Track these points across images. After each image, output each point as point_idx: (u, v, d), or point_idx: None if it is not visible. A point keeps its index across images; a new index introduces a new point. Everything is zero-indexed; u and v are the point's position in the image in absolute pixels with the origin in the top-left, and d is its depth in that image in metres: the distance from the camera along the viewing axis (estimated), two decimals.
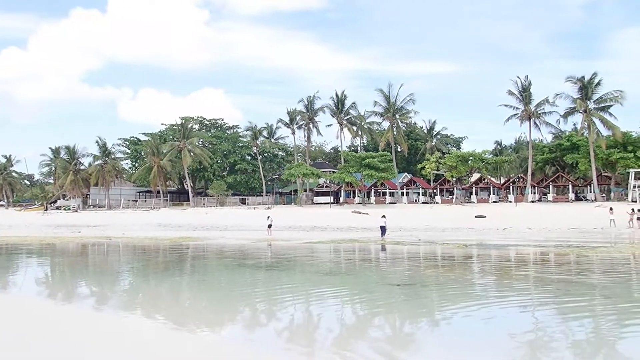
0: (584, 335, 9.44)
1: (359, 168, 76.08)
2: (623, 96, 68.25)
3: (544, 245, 26.60)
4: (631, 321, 10.17)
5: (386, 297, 13.43)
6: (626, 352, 8.43)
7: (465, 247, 25.94)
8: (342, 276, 17.47)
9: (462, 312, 11.43)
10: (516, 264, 20.54)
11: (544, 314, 11.28)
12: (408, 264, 21.12)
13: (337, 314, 11.75)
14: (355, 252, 25.89)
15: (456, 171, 75.37)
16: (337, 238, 33.18)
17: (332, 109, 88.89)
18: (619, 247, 24.82)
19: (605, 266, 18.39)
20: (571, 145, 75.06)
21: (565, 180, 76.52)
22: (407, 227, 41.52)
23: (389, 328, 10.43)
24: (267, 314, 11.98)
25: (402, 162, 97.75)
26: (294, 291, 14.79)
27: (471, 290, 14.58)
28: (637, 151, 66.61)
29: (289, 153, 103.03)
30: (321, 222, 48.28)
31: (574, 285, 14.31)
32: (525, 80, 73.87)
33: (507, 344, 8.92)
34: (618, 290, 13.44)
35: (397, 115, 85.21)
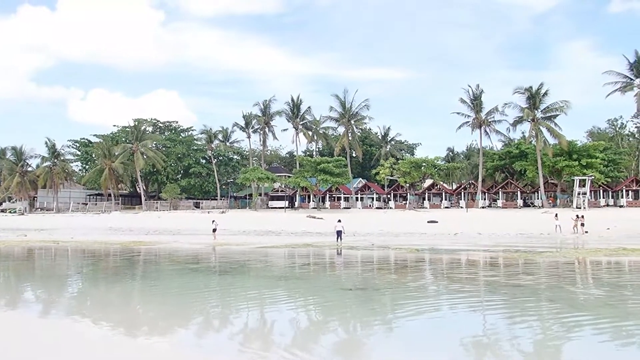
0: (530, 337, 9.75)
1: (314, 173, 76.37)
2: (568, 106, 71.11)
3: (493, 250, 27.33)
4: (574, 324, 10.57)
5: (338, 301, 13.55)
6: (569, 353, 8.76)
7: (418, 252, 26.40)
8: (295, 281, 17.49)
9: (413, 315, 11.64)
10: (466, 268, 21.03)
11: (493, 317, 11.59)
12: (361, 268, 21.33)
13: (290, 318, 11.77)
14: (309, 257, 25.96)
15: (410, 177, 76.62)
16: (291, 242, 33.18)
17: (288, 113, 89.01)
18: (563, 252, 25.76)
19: (551, 270, 19.05)
20: (520, 153, 77.49)
21: (514, 187, 78.85)
22: (361, 232, 41.89)
23: (341, 332, 10.53)
24: (220, 319, 11.90)
25: (357, 168, 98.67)
26: (247, 296, 14.74)
27: (422, 293, 14.85)
28: (581, 159, 69.29)
29: (244, 157, 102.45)
30: (276, 227, 48.18)
31: (520, 289, 14.76)
32: (477, 89, 75.92)
33: (457, 346, 9.13)
34: (562, 294, 13.94)
35: (352, 121, 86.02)
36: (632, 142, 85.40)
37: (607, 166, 73.48)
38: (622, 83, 70.64)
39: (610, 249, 26.26)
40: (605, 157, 73.21)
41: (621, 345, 9.20)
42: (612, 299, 13.36)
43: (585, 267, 20.31)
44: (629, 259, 22.26)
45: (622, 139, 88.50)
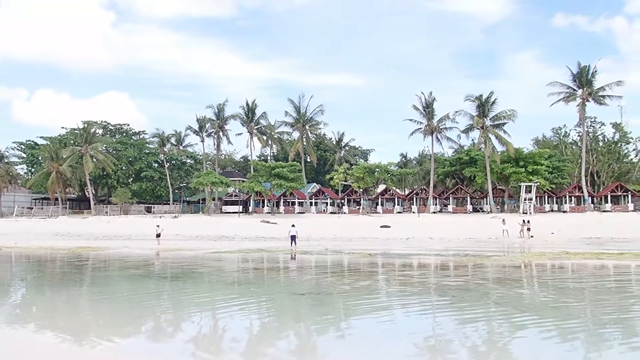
0: (478, 338, 10.05)
1: (269, 177, 76.17)
2: (515, 115, 73.46)
3: (443, 254, 27.93)
4: (520, 326, 10.95)
5: (291, 306, 13.60)
6: (515, 353, 9.09)
7: (370, 256, 26.71)
8: (249, 286, 17.45)
9: (366, 318, 11.82)
10: (418, 272, 21.43)
11: (443, 319, 11.89)
12: (314, 273, 21.44)
13: (243, 323, 11.75)
14: (263, 262, 25.91)
15: (363, 182, 77.36)
16: (245, 247, 33.01)
17: (243, 117, 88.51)
18: (510, 256, 26.57)
19: (498, 274, 19.65)
20: (470, 160, 79.44)
21: (464, 193, 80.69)
22: (315, 237, 42.04)
23: (293, 336, 10.59)
24: (172, 325, 11.76)
25: (311, 173, 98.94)
26: (200, 302, 14.61)
27: (374, 297, 15.06)
28: (527, 166, 71.60)
29: (198, 161, 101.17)
30: (229, 232, 47.79)
31: (469, 292, 15.17)
32: (429, 97, 77.39)
33: (409, 347, 9.32)
34: (509, 297, 14.41)
35: (307, 126, 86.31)
36: (575, 150, 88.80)
37: (551, 173, 76.16)
38: (566, 93, 73.45)
39: (554, 252, 27.24)
40: (550, 164, 75.86)
41: (562, 343, 9.58)
42: (556, 301, 13.90)
43: (530, 271, 21.02)
44: (571, 262, 23.15)
45: (566, 147, 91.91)
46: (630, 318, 11.70)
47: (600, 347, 9.23)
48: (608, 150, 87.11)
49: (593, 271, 20.36)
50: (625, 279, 18.56)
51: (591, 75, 72.35)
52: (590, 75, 72.32)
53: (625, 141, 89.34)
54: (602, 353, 8.89)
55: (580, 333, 10.34)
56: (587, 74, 72.30)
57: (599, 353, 8.90)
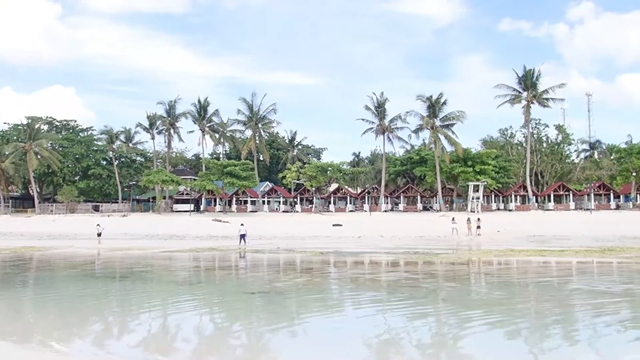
0: (427, 335, 10.29)
1: (221, 176, 75.49)
2: (464, 116, 75.42)
3: (394, 252, 28.36)
4: (467, 321, 11.28)
5: (241, 305, 13.57)
6: (463, 349, 9.36)
7: (322, 255, 26.87)
8: (199, 285, 17.29)
9: (316, 316, 11.91)
10: (369, 270, 21.72)
11: (393, 316, 12.09)
12: (266, 271, 21.43)
13: (193, 323, 11.64)
14: (214, 261, 25.68)
15: (316, 181, 77.68)
16: (196, 247, 32.63)
17: (195, 115, 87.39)
18: (458, 253, 27.25)
19: (447, 271, 20.14)
20: (420, 159, 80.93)
21: (414, 192, 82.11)
22: (268, 236, 41.94)
23: (243, 336, 10.58)
24: (120, 326, 11.54)
25: (264, 171, 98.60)
26: (149, 302, 14.38)
27: (326, 295, 15.20)
28: (475, 166, 73.53)
29: (148, 159, 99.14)
30: (180, 231, 47.10)
31: (418, 290, 15.50)
32: (381, 97, 78.41)
33: (359, 345, 9.45)
34: (455, 294, 14.81)
35: (259, 124, 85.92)
36: (520, 150, 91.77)
37: (498, 172, 78.46)
38: (512, 96, 75.85)
39: (500, 250, 28.10)
40: (496, 164, 78.14)
41: (508, 338, 9.93)
42: (501, 297, 14.38)
43: (478, 268, 21.62)
44: (516, 259, 23.93)
45: (512, 147, 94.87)
46: (570, 312, 12.22)
47: (543, 341, 9.61)
48: (551, 151, 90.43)
49: (536, 268, 21.13)
50: (566, 274, 19.36)
51: (535, 79, 74.98)
52: (534, 78, 74.92)
53: (567, 142, 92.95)
54: (545, 346, 9.26)
55: (524, 327, 10.73)
56: (531, 77, 74.86)
57: (543, 346, 9.27)
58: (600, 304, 12.92)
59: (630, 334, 9.98)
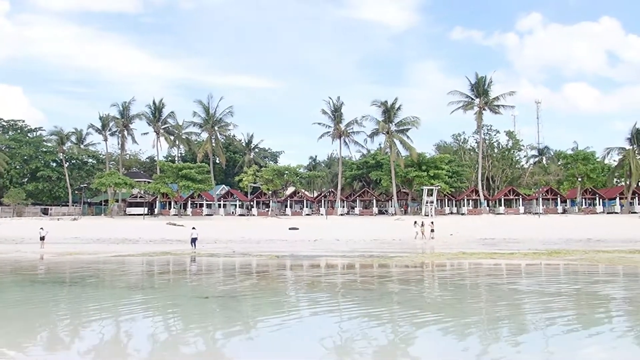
0: (382, 337, 10.41)
1: (176, 179, 74.45)
2: (419, 121, 76.80)
3: (349, 256, 28.62)
4: (420, 324, 11.49)
5: (195, 310, 13.44)
6: (416, 351, 9.54)
7: (278, 258, 26.87)
8: (152, 290, 17.02)
9: (271, 321, 11.90)
10: (324, 273, 21.83)
11: (348, 319, 12.20)
12: (220, 276, 21.25)
13: (145, 329, 11.45)
14: (167, 265, 25.29)
15: (272, 184, 77.54)
16: (149, 251, 32.08)
17: (149, 116, 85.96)
18: (412, 256, 27.72)
19: (401, 274, 20.46)
20: (376, 163, 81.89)
21: (370, 195, 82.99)
22: (223, 239, 41.61)
23: (197, 341, 10.47)
24: (69, 333, 11.23)
25: (220, 174, 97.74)
26: (100, 308, 14.04)
27: (281, 299, 15.20)
28: (429, 170, 74.90)
29: (101, 161, 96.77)
30: (133, 234, 46.20)
31: (372, 292, 15.70)
32: (337, 101, 79.04)
33: (315, 349, 9.50)
34: (409, 296, 15.07)
35: (216, 127, 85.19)
36: (472, 155, 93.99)
37: (451, 177, 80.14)
38: (465, 102, 77.70)
39: (453, 253, 28.74)
40: (450, 168, 79.83)
41: (459, 339, 10.18)
42: (453, 299, 14.72)
43: (431, 270, 22.05)
44: (468, 262, 24.53)
45: (465, 152, 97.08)
46: (519, 312, 12.62)
47: (494, 341, 9.89)
48: (502, 157, 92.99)
49: (487, 270, 21.71)
50: (515, 277, 19.95)
51: (487, 86, 77.05)
52: (486, 85, 76.99)
53: (517, 148, 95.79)
54: (496, 346, 9.53)
55: (476, 328, 11.01)
56: (483, 85, 76.90)
57: (493, 346, 9.53)
58: (548, 304, 13.39)
59: (576, 332, 10.39)
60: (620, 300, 14.03)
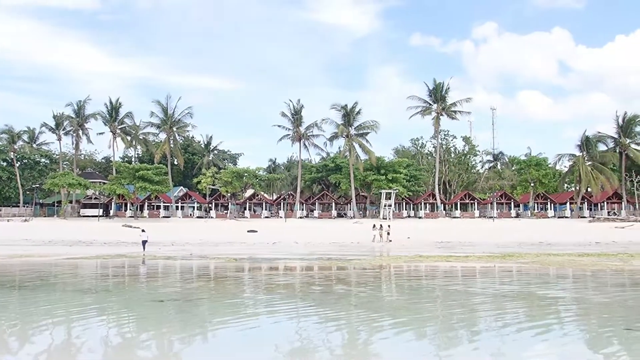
0: (339, 340, 10.48)
1: (132, 180, 73.09)
2: (378, 125, 77.68)
3: (307, 259, 28.68)
4: (377, 326, 11.62)
5: (150, 313, 13.24)
6: (373, 353, 9.65)
7: (236, 261, 26.70)
8: (105, 293, 16.66)
9: (227, 324, 11.84)
10: (282, 276, 21.80)
11: (305, 322, 12.23)
12: (176, 279, 20.97)
13: (99, 334, 11.21)
14: (122, 268, 24.79)
15: (231, 186, 76.99)
16: (104, 253, 31.40)
17: (105, 116, 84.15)
18: (370, 259, 27.99)
19: (358, 277, 20.62)
20: (335, 167, 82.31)
21: (329, 198, 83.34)
22: (180, 242, 41.07)
23: (152, 346, 10.34)
24: (18, 338, 10.90)
25: (178, 176, 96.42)
26: (51, 312, 13.66)
27: (238, 302, 15.11)
28: (388, 174, 75.81)
29: (54, 161, 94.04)
30: (87, 236, 45.12)
31: (330, 295, 15.78)
32: (297, 104, 79.15)
33: (271, 353, 9.48)
34: (366, 299, 15.21)
35: (174, 128, 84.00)
36: (430, 160, 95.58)
37: (409, 181, 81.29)
38: (423, 107, 78.98)
39: (410, 256, 29.15)
40: (408, 172, 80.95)
41: (415, 340, 10.34)
42: (409, 301, 14.94)
43: (388, 273, 22.30)
44: (424, 265, 24.94)
45: (422, 157, 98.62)
46: (474, 314, 12.90)
47: (449, 341, 10.09)
48: (458, 162, 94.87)
49: (443, 273, 22.10)
50: (470, 279, 20.39)
51: (445, 92, 78.55)
52: (443, 91, 78.47)
53: (473, 153, 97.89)
54: (451, 346, 9.72)
55: (431, 329, 11.21)
56: (441, 91, 78.34)
57: (448, 346, 9.73)
58: (501, 305, 13.76)
59: (527, 332, 10.70)
60: (568, 301, 14.53)
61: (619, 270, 21.50)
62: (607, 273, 20.70)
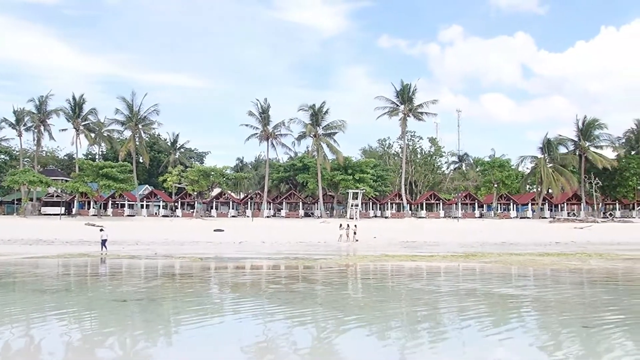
0: (305, 339, 10.51)
1: (96, 178, 71.77)
2: (345, 125, 78.10)
3: (274, 258, 28.65)
4: (343, 325, 11.70)
5: (112, 313, 13.04)
6: (338, 352, 9.71)
7: (202, 261, 26.48)
8: (66, 293, 16.34)
9: (192, 324, 11.74)
10: (248, 276, 21.73)
11: (270, 322, 12.20)
12: (141, 278, 20.70)
13: (60, 334, 10.99)
14: (85, 267, 24.33)
15: (198, 185, 76.27)
16: (65, 252, 30.75)
17: (68, 112, 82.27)
18: (336, 258, 28.12)
19: (324, 276, 20.69)
20: (303, 166, 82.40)
21: (296, 198, 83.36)
22: (145, 241, 40.49)
23: (114, 346, 10.19)
24: None
25: (144, 174, 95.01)
26: (8, 312, 13.34)
27: (203, 301, 15.01)
28: (355, 174, 76.27)
29: (14, 157, 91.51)
30: (49, 235, 44.08)
31: (296, 294, 15.81)
32: (265, 103, 78.95)
33: (236, 352, 9.46)
34: (332, 298, 15.28)
35: (140, 125, 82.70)
36: (397, 160, 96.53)
37: (376, 181, 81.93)
38: (390, 108, 79.70)
39: (376, 255, 29.39)
40: (375, 173, 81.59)
41: (380, 339, 10.46)
42: (374, 300, 15.08)
43: (354, 272, 22.45)
44: (390, 264, 25.18)
45: (389, 157, 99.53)
46: (438, 312, 13.11)
47: (413, 340, 10.21)
48: (425, 162, 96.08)
49: (408, 272, 22.37)
50: (434, 278, 20.68)
51: (412, 93, 79.42)
52: (410, 93, 79.33)
53: (439, 155, 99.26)
54: (416, 345, 9.85)
55: (396, 328, 11.35)
56: (408, 92, 79.18)
57: (413, 345, 9.86)
58: (464, 304, 14.01)
59: (489, 329, 10.94)
60: (528, 299, 14.89)
61: (577, 270, 22.12)
62: (566, 272, 21.28)
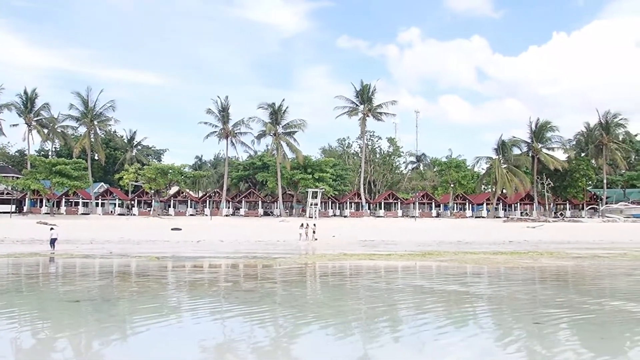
0: (263, 339, 10.51)
1: (49, 175, 69.85)
2: (305, 124, 78.39)
3: (232, 257, 28.48)
4: (301, 324, 11.76)
5: (64, 314, 12.75)
6: (296, 351, 9.76)
7: (158, 260, 26.11)
8: (16, 294, 15.87)
9: (147, 324, 11.59)
10: (205, 275, 21.54)
11: (227, 321, 12.18)
12: (95, 278, 20.27)
13: (8, 336, 10.68)
14: (36, 267, 23.64)
15: (155, 183, 75.17)
16: (15, 252, 29.80)
17: (20, 107, 79.72)
18: (295, 257, 28.16)
19: (283, 275, 20.72)
20: (262, 165, 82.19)
21: (256, 197, 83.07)
22: (100, 240, 39.62)
23: (67, 348, 9.98)
24: None
25: (99, 171, 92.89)
26: None
27: (158, 301, 14.81)
28: (315, 173, 76.53)
29: None
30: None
31: (254, 293, 15.79)
32: (225, 101, 78.44)
33: (193, 351, 9.39)
34: (289, 296, 15.33)
35: (95, 122, 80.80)
36: (356, 160, 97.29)
37: (335, 180, 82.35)
38: (350, 108, 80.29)
39: (334, 254, 29.57)
40: (334, 172, 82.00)
41: (338, 338, 10.55)
42: (332, 299, 15.20)
43: (312, 271, 22.55)
44: (348, 263, 25.38)
45: (349, 157, 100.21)
46: (396, 310, 13.32)
47: (372, 338, 10.36)
48: (383, 162, 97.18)
49: (366, 270, 22.61)
50: (391, 277, 20.99)
51: (371, 94, 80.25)
52: (370, 93, 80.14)
53: (397, 154, 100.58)
54: (375, 343, 9.99)
55: (355, 327, 11.46)
56: (367, 92, 79.96)
57: (372, 343, 10.00)
58: (421, 301, 14.29)
59: (445, 327, 11.19)
60: (482, 297, 15.29)
61: (529, 268, 22.81)
62: (519, 270, 21.92)
